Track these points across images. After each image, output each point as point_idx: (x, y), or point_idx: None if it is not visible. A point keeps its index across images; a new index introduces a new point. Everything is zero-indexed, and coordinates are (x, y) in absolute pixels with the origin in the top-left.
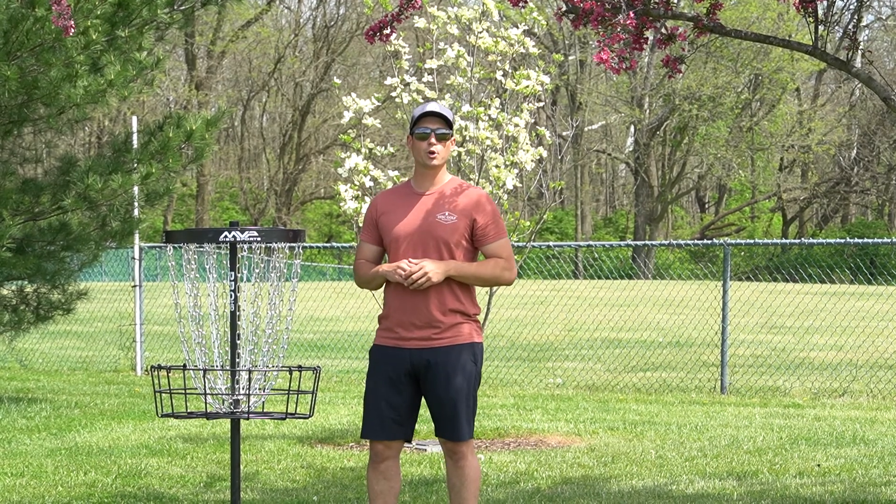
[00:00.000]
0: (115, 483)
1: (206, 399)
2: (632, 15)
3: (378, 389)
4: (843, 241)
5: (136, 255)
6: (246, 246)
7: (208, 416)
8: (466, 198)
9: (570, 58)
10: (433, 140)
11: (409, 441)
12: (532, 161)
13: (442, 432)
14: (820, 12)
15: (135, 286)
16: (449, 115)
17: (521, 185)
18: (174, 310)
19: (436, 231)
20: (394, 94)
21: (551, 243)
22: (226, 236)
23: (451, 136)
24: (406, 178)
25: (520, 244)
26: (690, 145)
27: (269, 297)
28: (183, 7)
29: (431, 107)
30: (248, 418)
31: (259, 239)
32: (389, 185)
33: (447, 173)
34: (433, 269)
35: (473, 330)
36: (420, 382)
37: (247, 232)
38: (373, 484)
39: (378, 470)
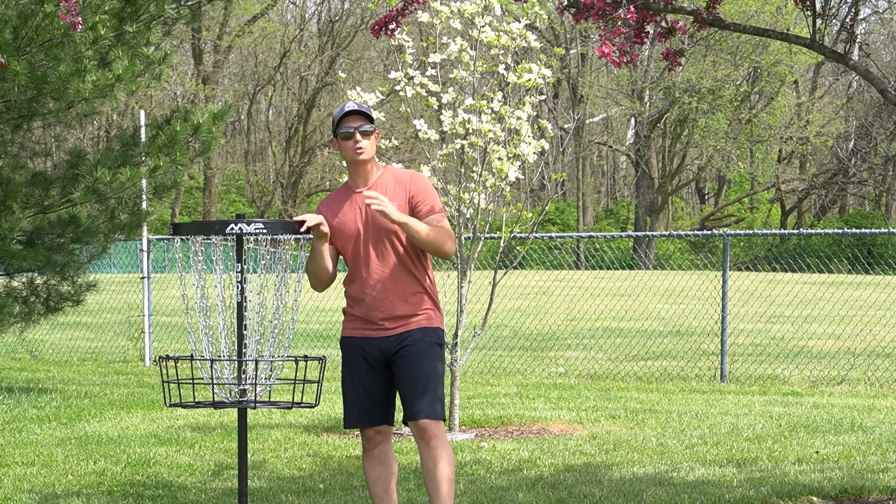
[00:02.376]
0: (125, 472)
1: (213, 389)
2: (632, 9)
3: (353, 379)
4: (840, 231)
5: (145, 247)
6: (252, 238)
7: (216, 405)
8: (400, 181)
9: (572, 51)
10: (358, 137)
11: (392, 424)
12: (534, 153)
13: (412, 414)
14: (818, 6)
15: (143, 278)
16: (368, 110)
17: (523, 177)
18: (182, 301)
19: (380, 222)
20: (398, 87)
21: (553, 234)
22: (232, 228)
23: (374, 130)
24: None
25: (522, 235)
26: (690, 137)
27: (275, 288)
28: (190, 3)
29: (350, 106)
30: (254, 407)
31: (265, 231)
32: None
33: (379, 166)
34: (389, 210)
35: (437, 316)
36: (392, 368)
37: (253, 224)
38: (369, 471)
39: (372, 456)
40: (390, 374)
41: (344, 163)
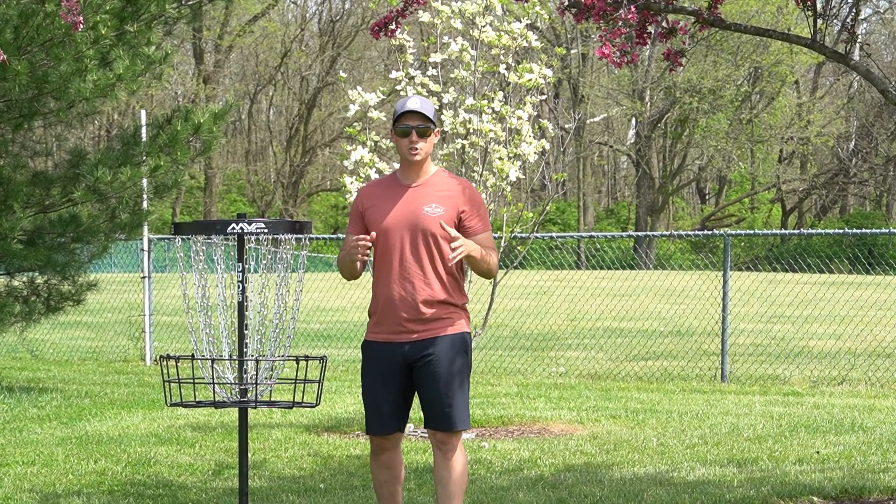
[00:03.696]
0: (125, 471)
1: (214, 388)
2: (633, 9)
3: (374, 385)
4: (841, 231)
5: (145, 247)
6: (253, 237)
7: (216, 405)
8: (453, 190)
9: (573, 51)
10: (414, 137)
11: (403, 431)
12: (535, 153)
13: (435, 423)
14: (819, 6)
15: (144, 277)
16: (429, 110)
17: (524, 177)
18: (182, 300)
19: (423, 223)
20: (399, 87)
21: (554, 234)
22: (233, 228)
23: (434, 129)
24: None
25: (523, 235)
26: (691, 137)
27: (276, 288)
28: (190, 2)
29: (411, 104)
30: (255, 407)
31: (266, 231)
32: None
33: (432, 165)
34: (469, 248)
35: (462, 319)
36: (413, 374)
37: (254, 224)
38: (376, 474)
39: (380, 461)
40: (411, 380)
41: (345, 163)
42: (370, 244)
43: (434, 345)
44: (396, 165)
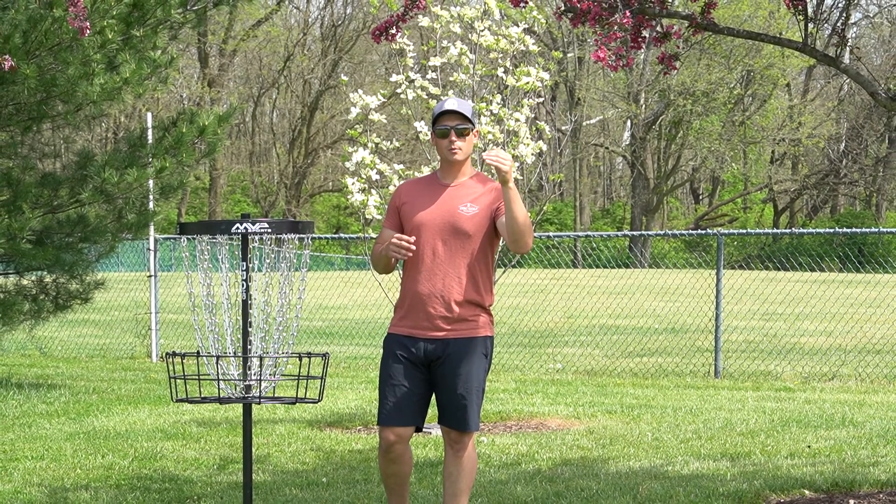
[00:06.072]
0: (132, 466)
1: (219, 384)
2: (628, 14)
3: (394, 377)
4: (832, 230)
5: (152, 247)
6: (257, 237)
7: (221, 400)
8: (489, 190)
9: (569, 55)
10: (453, 137)
11: (421, 429)
12: (532, 154)
13: (449, 422)
14: (809, 10)
15: (150, 276)
16: (468, 110)
17: (521, 178)
18: (188, 299)
19: (458, 222)
20: (399, 90)
21: (551, 234)
22: (238, 228)
23: (473, 129)
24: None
25: None
26: (685, 139)
27: (279, 287)
28: (196, 7)
29: (449, 104)
30: (259, 403)
31: (270, 230)
32: (395, 178)
33: (471, 167)
34: (508, 169)
35: (487, 323)
36: (432, 371)
37: (258, 224)
38: (384, 468)
39: (389, 458)
40: (430, 377)
41: (347, 164)
42: (413, 247)
43: (457, 346)
44: (397, 166)
